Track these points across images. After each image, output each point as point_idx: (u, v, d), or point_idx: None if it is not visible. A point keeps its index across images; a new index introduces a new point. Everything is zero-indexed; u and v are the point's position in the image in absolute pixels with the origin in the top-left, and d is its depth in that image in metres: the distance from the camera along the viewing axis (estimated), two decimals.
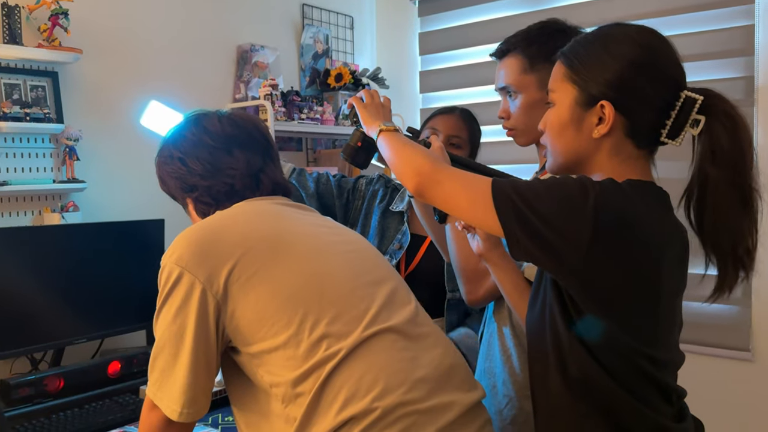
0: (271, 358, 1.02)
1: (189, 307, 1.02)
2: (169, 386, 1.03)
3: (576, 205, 0.93)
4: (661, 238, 0.97)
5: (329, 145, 3.05)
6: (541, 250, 0.95)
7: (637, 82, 0.98)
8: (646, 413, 0.97)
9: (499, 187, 0.97)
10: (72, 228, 1.97)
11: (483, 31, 2.94)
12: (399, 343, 1.05)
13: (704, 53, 2.39)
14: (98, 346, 2.08)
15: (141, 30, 2.30)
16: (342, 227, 1.27)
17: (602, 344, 0.96)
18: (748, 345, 2.34)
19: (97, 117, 2.16)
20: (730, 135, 0.96)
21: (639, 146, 1.02)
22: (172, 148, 1.24)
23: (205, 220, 1.14)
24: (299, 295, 1.04)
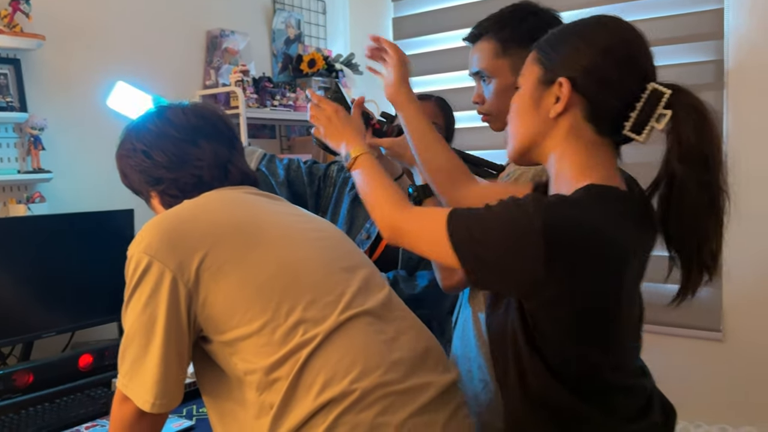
0: (246, 346, 1.01)
1: (159, 297, 1.01)
2: (141, 377, 1.02)
3: (522, 231, 0.90)
4: (624, 249, 0.95)
5: (303, 132, 3.02)
6: (501, 281, 0.95)
7: (602, 65, 0.97)
8: (606, 422, 0.97)
9: (455, 230, 0.96)
10: (38, 219, 1.93)
11: (457, 16, 2.93)
12: (375, 326, 1.07)
13: (674, 37, 2.40)
14: (69, 340, 2.04)
15: (107, 15, 2.24)
16: (311, 216, 1.26)
17: (560, 358, 0.95)
18: (719, 325, 2.38)
19: (63, 105, 2.11)
20: (697, 131, 0.93)
21: (600, 133, 0.99)
22: (135, 140, 1.21)
23: (173, 209, 1.11)
24: (273, 281, 1.04)
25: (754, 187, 2.27)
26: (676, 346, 2.46)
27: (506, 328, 1.00)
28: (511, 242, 0.91)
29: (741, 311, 2.34)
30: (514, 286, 0.95)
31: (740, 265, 2.31)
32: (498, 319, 1.03)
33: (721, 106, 2.33)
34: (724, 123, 2.31)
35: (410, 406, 1.01)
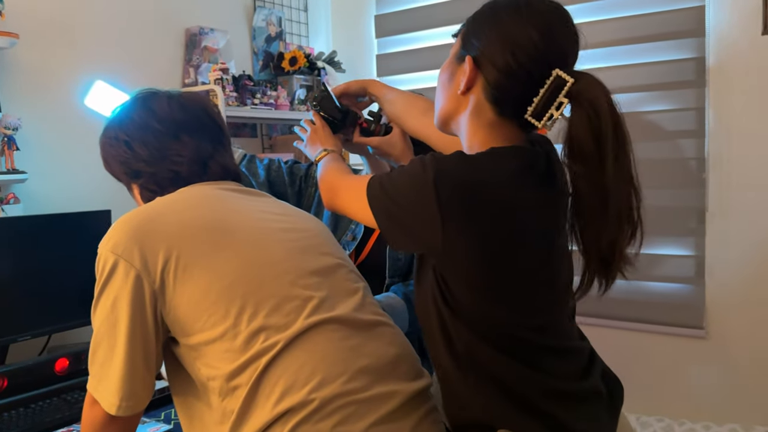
0: (209, 351, 1.00)
1: (125, 297, 0.99)
2: (107, 379, 1.01)
3: (419, 184, 0.94)
4: (518, 203, 0.95)
5: (285, 130, 2.99)
6: (409, 237, 0.99)
7: (502, 50, 0.97)
8: (535, 377, 0.98)
9: (371, 188, 1.02)
10: (13, 221, 1.89)
11: (440, 13, 2.91)
12: (341, 333, 1.04)
13: (655, 34, 2.40)
14: (45, 343, 2.01)
15: (83, 13, 2.20)
16: (293, 212, 1.23)
17: (477, 318, 0.97)
18: (702, 323, 2.38)
19: (37, 104, 2.07)
20: (588, 125, 0.92)
21: (502, 114, 1.01)
22: (118, 129, 1.20)
23: (144, 206, 1.10)
24: (237, 285, 1.01)
25: (735, 183, 2.28)
26: (659, 344, 2.46)
27: (428, 297, 1.01)
28: (411, 195, 0.96)
29: (724, 309, 2.35)
30: (419, 241, 0.98)
31: (723, 263, 2.33)
32: (422, 288, 1.04)
33: (703, 103, 2.33)
34: (706, 121, 2.32)
35: (373, 415, 0.99)
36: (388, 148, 1.39)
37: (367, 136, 1.42)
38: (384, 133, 1.41)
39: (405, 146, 1.39)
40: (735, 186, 2.29)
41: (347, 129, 1.43)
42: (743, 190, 2.27)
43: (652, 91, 2.42)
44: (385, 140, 1.39)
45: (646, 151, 2.33)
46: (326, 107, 1.39)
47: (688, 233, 2.41)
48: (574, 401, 1.02)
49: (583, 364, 1.06)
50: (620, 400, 1.13)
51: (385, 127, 1.41)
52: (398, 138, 1.38)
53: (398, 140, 1.38)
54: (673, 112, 2.41)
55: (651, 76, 2.41)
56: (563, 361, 1.03)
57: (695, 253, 2.40)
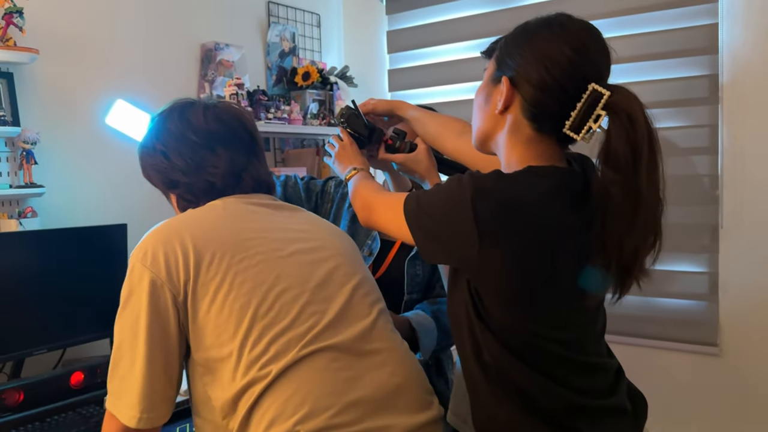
0: (216, 369, 1.02)
1: (150, 308, 1.01)
2: (127, 392, 1.01)
3: (457, 201, 0.97)
4: (553, 222, 0.98)
5: (297, 144, 3.01)
6: (445, 252, 1.02)
7: (538, 68, 1.00)
8: (561, 392, 1.00)
9: (408, 204, 1.05)
10: (30, 235, 1.90)
11: (451, 30, 2.93)
12: (339, 362, 1.03)
13: (669, 51, 2.41)
14: (60, 357, 2.01)
15: (101, 28, 2.23)
16: (320, 227, 1.23)
17: (508, 331, 0.99)
18: (716, 340, 2.37)
19: (56, 119, 2.09)
20: (625, 135, 0.95)
21: (539, 130, 1.04)
22: (155, 140, 1.21)
23: (174, 219, 1.12)
24: (249, 306, 1.02)
25: (749, 200, 2.28)
26: (672, 360, 2.45)
27: (460, 307, 1.03)
28: (447, 211, 0.99)
29: (738, 326, 2.33)
30: (455, 255, 1.01)
31: (737, 279, 2.32)
32: (454, 300, 1.06)
33: (716, 120, 2.33)
34: (720, 137, 2.32)
35: None
36: (413, 165, 1.40)
37: (392, 152, 1.44)
38: (409, 150, 1.42)
39: (430, 163, 1.40)
40: (748, 203, 2.28)
41: (373, 146, 1.45)
42: (757, 207, 2.27)
43: (665, 107, 2.42)
44: (410, 157, 1.41)
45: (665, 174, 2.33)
46: (354, 124, 1.42)
47: (702, 250, 2.41)
48: (600, 417, 1.03)
49: (609, 380, 1.08)
50: (644, 417, 1.14)
51: (409, 145, 1.42)
52: (423, 155, 1.40)
53: (423, 157, 1.40)
54: (687, 128, 2.41)
55: (665, 93, 2.41)
56: (590, 377, 1.04)
57: (709, 269, 2.40)
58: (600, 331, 1.11)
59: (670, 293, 2.46)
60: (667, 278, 2.45)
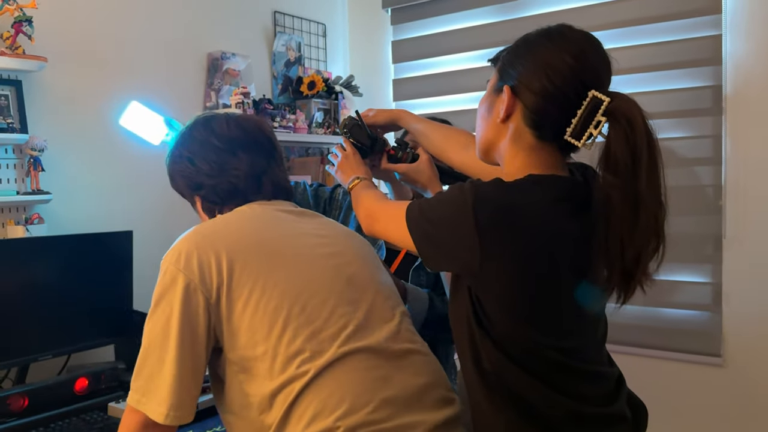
0: (251, 367, 1.06)
1: (182, 309, 1.04)
2: (156, 390, 1.04)
3: (458, 208, 0.99)
4: (553, 230, 0.99)
5: (302, 153, 3.02)
6: (446, 259, 1.04)
7: (538, 76, 1.02)
8: (559, 400, 1.00)
9: (411, 212, 1.07)
10: (37, 241, 1.91)
11: (456, 40, 2.95)
12: (371, 362, 1.08)
13: (673, 62, 2.42)
14: (65, 363, 2.02)
15: (108, 37, 2.25)
16: (339, 233, 1.27)
17: (507, 338, 1.00)
18: (720, 350, 2.37)
19: (63, 127, 2.11)
20: (625, 139, 0.96)
21: (541, 138, 1.05)
22: (182, 148, 1.29)
23: (206, 222, 1.18)
24: (282, 308, 1.07)
25: (752, 211, 2.28)
26: (676, 371, 2.45)
27: (461, 314, 1.05)
28: (449, 218, 1.00)
29: (741, 336, 2.33)
30: (456, 262, 1.02)
31: (740, 289, 2.32)
32: (455, 306, 1.07)
33: (720, 131, 2.34)
34: (723, 148, 2.32)
35: None
36: (415, 175, 1.41)
37: (394, 162, 1.45)
38: (411, 160, 1.43)
39: (432, 174, 1.41)
40: (752, 213, 2.29)
41: (375, 155, 1.46)
42: (760, 218, 2.27)
43: (669, 118, 2.43)
44: (412, 167, 1.42)
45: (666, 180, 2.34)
46: (357, 134, 1.44)
47: (706, 260, 2.41)
48: (599, 425, 1.04)
49: (609, 389, 1.08)
50: (645, 426, 1.14)
51: (411, 155, 1.44)
52: (426, 165, 1.41)
53: (425, 168, 1.41)
54: (691, 139, 2.42)
55: (669, 104, 2.42)
56: (590, 385, 1.04)
57: (712, 280, 2.40)
58: (600, 339, 1.11)
59: (673, 303, 2.46)
60: (670, 288, 2.45)
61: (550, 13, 2.64)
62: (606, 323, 1.14)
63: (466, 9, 2.91)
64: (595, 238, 0.99)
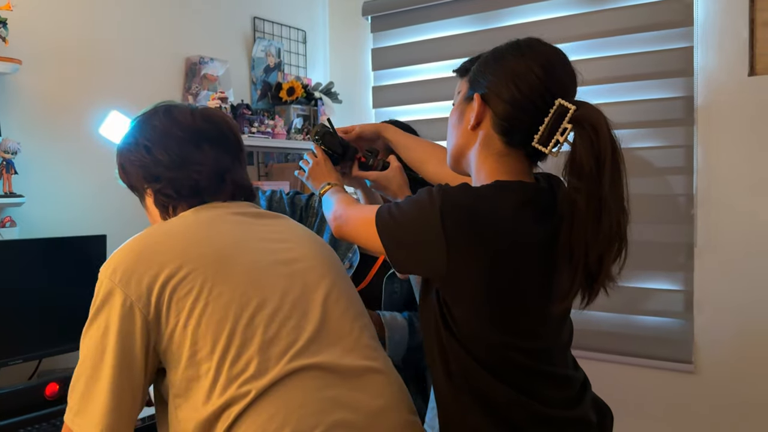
0: (191, 388, 0.97)
1: (116, 326, 0.96)
2: (89, 410, 0.95)
3: (426, 211, 1.01)
4: (518, 234, 1.01)
5: (281, 159, 3.02)
6: (415, 261, 1.05)
7: (507, 85, 1.06)
8: (525, 402, 1.02)
9: (380, 216, 1.08)
10: (9, 244, 1.90)
11: (434, 49, 2.97)
12: (322, 381, 1.00)
13: (645, 73, 2.46)
14: (36, 367, 2.00)
15: (84, 40, 2.24)
16: (300, 236, 1.20)
17: (473, 340, 1.02)
18: (691, 357, 2.40)
19: (37, 129, 2.10)
20: (589, 145, 1.00)
21: (510, 144, 1.08)
22: (139, 136, 1.18)
23: (147, 231, 1.08)
24: (226, 322, 0.98)
25: (723, 220, 2.32)
26: (647, 378, 2.47)
27: (430, 317, 1.06)
28: (418, 222, 1.02)
29: (712, 343, 2.36)
30: (424, 265, 1.04)
31: (711, 297, 2.35)
32: (424, 309, 1.09)
33: (691, 141, 2.38)
34: (694, 158, 2.36)
35: None
36: (386, 183, 1.43)
37: (365, 170, 1.46)
38: (381, 168, 1.45)
39: (402, 181, 1.43)
40: (723, 222, 2.33)
41: (346, 163, 1.48)
42: (731, 227, 2.31)
43: (641, 128, 2.47)
44: (383, 175, 1.44)
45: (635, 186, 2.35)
46: (328, 142, 1.45)
47: (677, 268, 2.44)
48: (564, 429, 1.05)
49: (574, 392, 1.10)
50: (610, 429, 1.16)
51: (382, 163, 1.45)
52: (396, 173, 1.43)
53: (396, 175, 1.43)
54: (663, 149, 2.46)
55: (641, 114, 2.46)
56: (554, 388, 1.06)
57: (684, 288, 2.43)
58: (566, 343, 1.13)
59: (645, 311, 2.49)
60: (642, 296, 2.48)
61: (525, 24, 2.67)
62: (571, 328, 1.16)
63: (444, 18, 2.94)
64: (558, 242, 1.01)
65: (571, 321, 1.15)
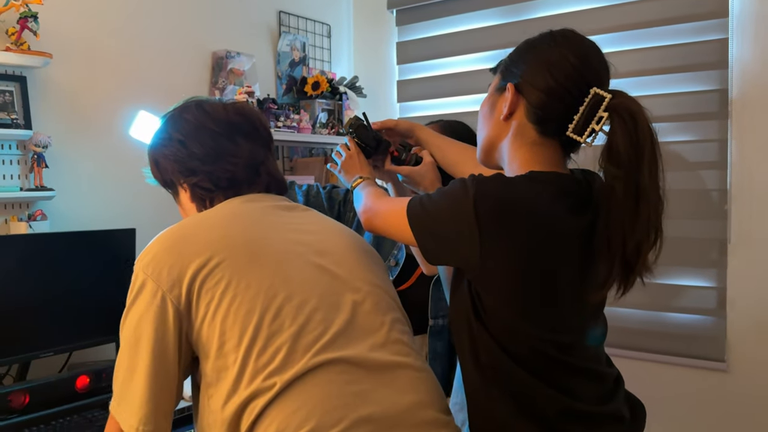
0: (221, 378, 0.98)
1: (149, 317, 0.98)
2: (128, 400, 0.98)
3: (459, 202, 0.99)
4: (553, 224, 1.00)
5: (306, 153, 3.02)
6: (446, 252, 1.03)
7: (543, 74, 1.04)
8: (556, 396, 1.00)
9: (412, 207, 1.07)
10: (40, 237, 1.91)
11: (460, 42, 2.94)
12: (348, 375, 0.98)
13: (679, 65, 2.41)
14: (66, 360, 2.01)
15: (113, 35, 2.25)
16: (327, 227, 1.19)
17: (505, 332, 1.01)
18: (723, 355, 2.35)
19: (67, 123, 2.11)
20: (627, 133, 0.98)
21: (544, 134, 1.07)
22: (172, 130, 1.18)
23: (180, 224, 1.08)
24: (253, 313, 0.98)
25: (757, 216, 2.27)
26: (679, 376, 2.44)
27: (461, 309, 1.05)
28: (450, 212, 1.01)
29: (745, 341, 2.32)
30: (456, 256, 1.02)
31: (744, 294, 2.31)
32: (455, 301, 1.08)
33: (725, 135, 2.33)
34: (728, 152, 2.32)
35: None
36: (418, 178, 1.41)
37: (398, 164, 1.45)
38: (414, 163, 1.43)
39: (435, 177, 1.41)
40: (757, 218, 2.28)
41: (378, 156, 1.46)
42: (765, 223, 2.26)
43: (675, 121, 2.42)
44: (416, 170, 1.41)
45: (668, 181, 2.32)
46: (362, 134, 1.43)
47: (710, 265, 2.40)
48: (595, 423, 1.04)
49: (607, 388, 1.08)
50: (643, 425, 1.14)
51: (415, 158, 1.43)
52: (429, 168, 1.41)
53: (429, 170, 1.41)
54: (696, 143, 2.41)
55: (674, 107, 2.42)
56: (586, 383, 1.05)
57: (717, 284, 2.38)
58: (600, 338, 1.11)
59: (677, 308, 2.45)
60: (675, 292, 2.44)
61: (556, 16, 2.63)
62: (605, 324, 1.14)
63: (471, 11, 2.91)
64: (594, 233, 1.00)
65: (605, 318, 1.14)
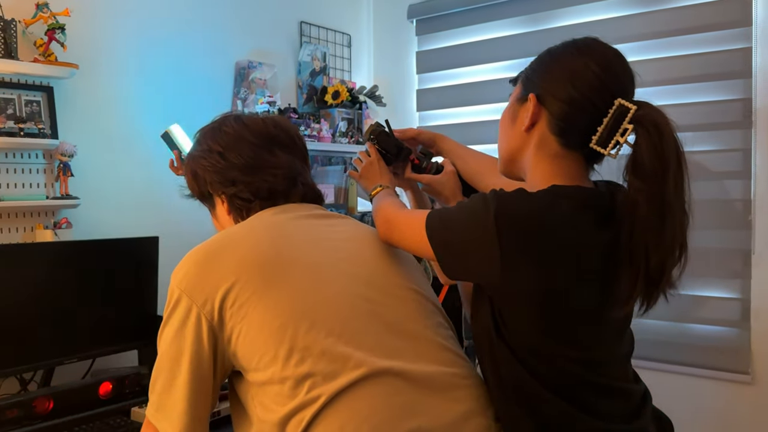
0: (263, 391, 0.97)
1: (185, 332, 0.99)
2: (168, 409, 1.00)
3: (480, 218, 0.97)
4: (575, 240, 0.97)
5: (326, 162, 3.03)
6: (466, 269, 1.01)
7: (566, 84, 1.01)
8: (577, 415, 0.98)
9: (431, 221, 1.04)
10: (65, 245, 1.94)
11: (480, 51, 2.94)
12: (394, 387, 0.96)
13: (701, 75, 2.39)
14: (89, 366, 2.04)
15: (138, 46, 2.28)
16: (364, 236, 1.18)
17: (527, 350, 0.98)
18: (748, 368, 2.32)
19: (93, 133, 2.14)
20: (653, 146, 0.95)
21: (566, 146, 1.04)
22: (211, 142, 1.19)
23: (213, 238, 1.08)
24: (287, 326, 0.96)
25: None
26: (702, 388, 2.40)
27: (482, 324, 1.03)
28: (471, 229, 0.98)
29: None
30: (475, 272, 1.00)
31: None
32: (477, 317, 1.05)
33: (749, 144, 2.30)
34: (753, 162, 2.29)
35: None
36: (439, 187, 1.39)
37: (418, 172, 1.43)
38: (435, 171, 1.42)
39: (456, 186, 1.39)
40: None
41: (399, 164, 1.45)
42: None
43: (698, 131, 2.40)
44: (436, 179, 1.40)
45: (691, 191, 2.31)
46: (383, 142, 1.42)
47: (734, 275, 2.36)
48: None
49: (633, 406, 1.05)
50: None
51: (436, 166, 1.42)
52: (450, 177, 1.39)
53: (450, 179, 1.39)
54: (720, 152, 2.38)
55: (698, 116, 2.39)
56: (612, 401, 1.02)
57: (741, 296, 2.35)
58: (625, 354, 1.08)
59: (701, 319, 2.42)
60: (698, 304, 2.41)
61: (577, 25, 2.63)
62: (632, 339, 1.11)
63: (490, 20, 2.91)
64: (618, 248, 0.97)
65: (631, 332, 1.11)
